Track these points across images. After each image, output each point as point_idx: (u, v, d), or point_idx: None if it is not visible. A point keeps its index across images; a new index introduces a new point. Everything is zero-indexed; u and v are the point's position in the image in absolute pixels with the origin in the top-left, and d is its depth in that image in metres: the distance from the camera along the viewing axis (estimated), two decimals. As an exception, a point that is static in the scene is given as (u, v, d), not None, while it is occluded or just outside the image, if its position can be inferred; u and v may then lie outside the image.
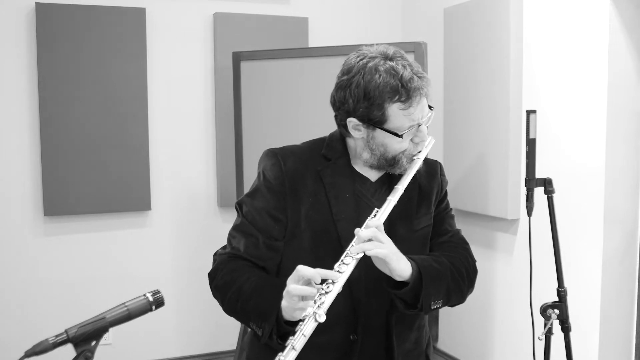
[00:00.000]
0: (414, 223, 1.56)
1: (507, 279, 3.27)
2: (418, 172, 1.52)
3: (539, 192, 2.07)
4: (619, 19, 2.64)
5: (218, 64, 3.74)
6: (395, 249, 1.40)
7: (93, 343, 1.13)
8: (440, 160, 3.71)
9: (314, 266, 1.31)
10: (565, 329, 2.00)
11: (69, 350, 1.14)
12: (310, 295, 1.29)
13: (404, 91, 1.38)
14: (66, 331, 1.12)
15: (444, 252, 1.59)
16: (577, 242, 2.79)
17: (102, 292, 3.61)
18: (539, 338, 1.98)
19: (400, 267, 1.40)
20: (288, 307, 1.32)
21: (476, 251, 1.69)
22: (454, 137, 3.53)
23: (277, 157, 1.53)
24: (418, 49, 3.00)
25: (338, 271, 1.33)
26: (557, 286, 2.02)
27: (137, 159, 3.62)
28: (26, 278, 3.52)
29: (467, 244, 1.67)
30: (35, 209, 3.52)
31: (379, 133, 1.44)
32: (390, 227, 1.47)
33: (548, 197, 2.03)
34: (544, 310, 1.97)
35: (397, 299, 1.47)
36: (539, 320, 2.01)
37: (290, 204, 1.49)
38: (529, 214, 2.08)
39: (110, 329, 1.15)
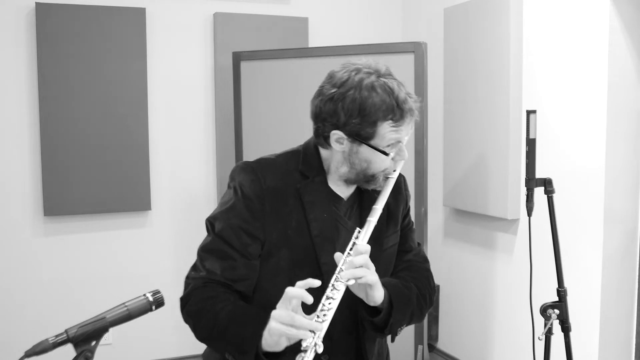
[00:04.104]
0: (384, 242, 1.56)
1: (507, 279, 3.27)
2: None
3: (539, 192, 2.07)
4: (619, 19, 2.64)
5: (218, 64, 3.74)
6: (377, 276, 1.41)
7: (93, 343, 1.13)
8: (440, 160, 3.75)
9: (291, 285, 1.30)
10: (565, 329, 2.00)
11: (69, 350, 1.14)
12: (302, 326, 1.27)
13: (399, 111, 1.40)
14: (66, 331, 1.12)
15: (409, 273, 1.60)
16: (577, 242, 2.79)
17: (102, 292, 3.60)
18: (539, 338, 1.98)
19: (379, 294, 1.42)
20: (276, 329, 1.28)
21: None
22: (454, 137, 3.53)
23: (256, 174, 1.48)
24: (418, 49, 3.00)
25: (329, 296, 1.32)
26: (557, 286, 2.02)
27: (137, 159, 3.62)
28: (26, 278, 3.52)
29: (428, 262, 1.70)
30: (35, 209, 3.51)
31: (364, 149, 1.43)
32: None
33: (548, 197, 2.04)
34: (544, 310, 1.97)
35: (369, 324, 1.49)
36: (539, 320, 2.02)
37: (269, 223, 1.46)
38: (529, 214, 2.08)
39: (110, 329, 1.15)
